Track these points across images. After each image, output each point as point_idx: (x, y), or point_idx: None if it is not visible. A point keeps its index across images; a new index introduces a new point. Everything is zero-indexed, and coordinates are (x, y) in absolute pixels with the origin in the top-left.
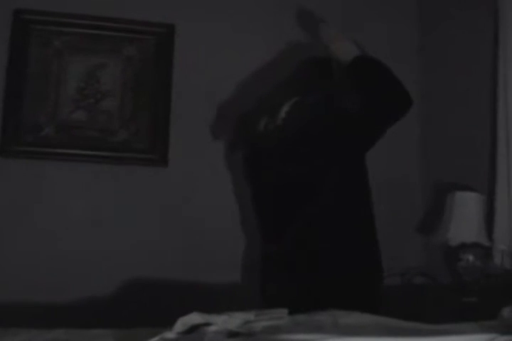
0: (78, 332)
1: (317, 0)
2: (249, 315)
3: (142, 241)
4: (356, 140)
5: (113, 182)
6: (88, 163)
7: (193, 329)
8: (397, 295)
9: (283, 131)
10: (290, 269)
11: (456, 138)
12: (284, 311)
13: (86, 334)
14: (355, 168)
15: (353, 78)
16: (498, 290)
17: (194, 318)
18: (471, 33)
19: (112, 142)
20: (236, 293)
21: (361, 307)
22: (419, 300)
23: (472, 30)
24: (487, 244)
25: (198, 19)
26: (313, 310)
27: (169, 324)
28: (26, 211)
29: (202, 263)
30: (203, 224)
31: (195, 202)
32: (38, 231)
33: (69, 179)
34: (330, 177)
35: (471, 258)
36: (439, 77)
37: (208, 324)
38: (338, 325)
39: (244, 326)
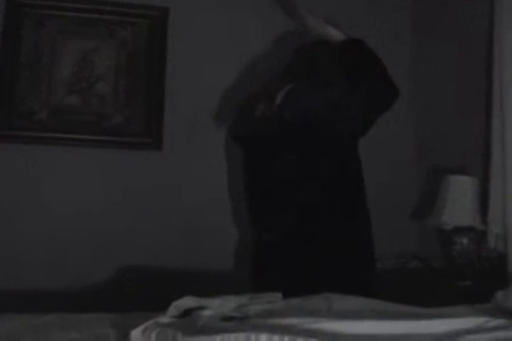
0: (73, 317)
1: None
2: (243, 299)
3: (136, 225)
4: (347, 128)
5: (107, 166)
6: (82, 147)
7: (187, 313)
8: (392, 279)
9: (278, 117)
10: (283, 257)
11: (451, 123)
12: (278, 295)
13: (81, 318)
14: (348, 155)
15: (342, 63)
16: (492, 274)
17: (188, 302)
18: (465, 21)
19: (106, 126)
20: (229, 281)
21: (355, 293)
22: (414, 283)
23: (467, 16)
24: (481, 228)
25: (192, 2)
26: (307, 294)
27: (163, 309)
28: (20, 195)
29: (197, 249)
30: (196, 209)
31: (189, 187)
32: (33, 215)
33: (62, 163)
34: (322, 165)
35: (465, 241)
36: (434, 63)
37: (201, 308)
38: (332, 309)
39: (238, 310)
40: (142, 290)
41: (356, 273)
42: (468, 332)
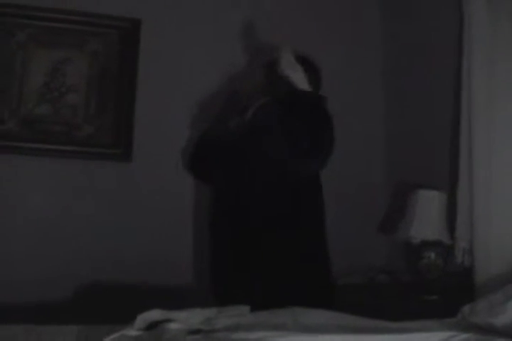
0: (37, 329)
1: None
2: (211, 312)
3: (102, 236)
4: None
5: (77, 177)
6: (51, 157)
7: (154, 325)
8: (360, 293)
9: (246, 132)
10: (243, 268)
11: (419, 138)
12: (246, 308)
13: (46, 330)
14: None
15: (287, 108)
16: (459, 289)
17: (154, 315)
18: (435, 36)
19: (76, 137)
20: (193, 295)
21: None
22: (381, 298)
23: (436, 33)
24: (448, 242)
25: (164, 14)
26: (273, 307)
27: (129, 321)
28: None
29: (164, 262)
30: (164, 221)
31: (158, 198)
32: None
33: (31, 173)
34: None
35: (432, 256)
36: (403, 78)
37: (168, 320)
38: (298, 323)
39: (205, 323)
40: (104, 304)
41: (311, 286)
42: None
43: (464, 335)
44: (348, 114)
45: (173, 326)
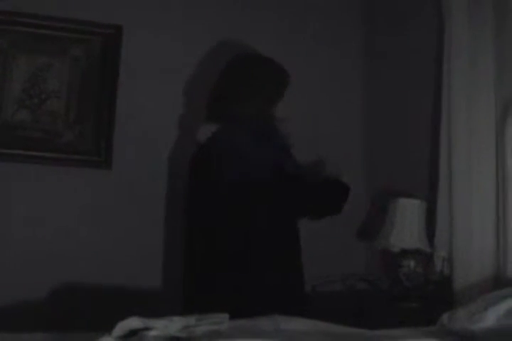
0: (12, 336)
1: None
2: (190, 320)
3: (81, 243)
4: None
5: (56, 184)
6: (31, 164)
7: (132, 333)
8: (339, 301)
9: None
10: (215, 275)
11: (399, 146)
12: (225, 316)
13: (20, 338)
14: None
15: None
16: (438, 297)
17: (133, 322)
18: (415, 43)
19: (56, 143)
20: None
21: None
22: (361, 305)
23: (416, 40)
24: (428, 251)
25: (146, 21)
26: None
27: (102, 328)
28: None
29: (142, 267)
30: (145, 227)
31: (137, 206)
32: None
33: (10, 180)
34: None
35: (412, 264)
36: (383, 86)
37: (147, 328)
38: (279, 331)
39: (184, 330)
40: (79, 309)
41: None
42: None
43: None
44: (327, 123)
45: (151, 334)
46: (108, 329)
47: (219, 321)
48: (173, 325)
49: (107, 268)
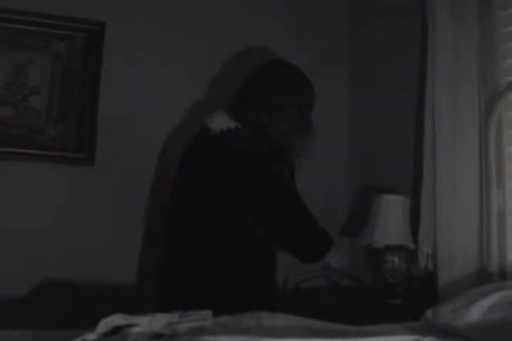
0: None
1: None
2: (173, 317)
3: (61, 241)
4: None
5: (38, 181)
6: (13, 160)
7: (116, 330)
8: (323, 297)
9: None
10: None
11: (383, 143)
12: (209, 313)
13: (3, 335)
14: None
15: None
16: (422, 293)
17: (117, 319)
18: (398, 38)
19: (39, 140)
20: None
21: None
22: (345, 301)
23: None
24: (412, 247)
25: (129, 17)
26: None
27: (87, 325)
28: None
29: (121, 264)
30: (126, 226)
31: (120, 204)
32: None
33: None
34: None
35: (396, 260)
36: (368, 82)
37: (131, 325)
38: (262, 327)
39: (168, 327)
40: (59, 306)
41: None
42: None
43: (428, 339)
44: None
45: (135, 330)
46: (90, 326)
47: (202, 318)
48: (157, 321)
49: (87, 265)
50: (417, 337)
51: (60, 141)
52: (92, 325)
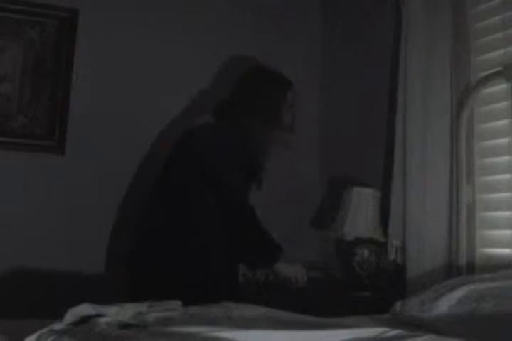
0: None
1: None
2: (142, 307)
3: (31, 228)
4: None
5: (9, 169)
6: None
7: (84, 320)
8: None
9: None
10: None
11: (355, 136)
12: (178, 303)
13: None
14: None
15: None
16: (391, 285)
17: (85, 309)
18: (371, 34)
19: (9, 127)
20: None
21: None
22: (314, 293)
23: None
24: (382, 240)
25: (102, 4)
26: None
27: (55, 315)
28: None
29: (90, 253)
30: (95, 214)
31: (90, 192)
32: None
33: None
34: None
35: (365, 253)
36: (339, 75)
37: (99, 315)
38: (231, 318)
39: (136, 317)
40: (28, 295)
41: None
42: None
43: (396, 331)
44: None
45: (103, 320)
46: (57, 316)
47: (171, 308)
48: (125, 311)
49: (56, 254)
50: (385, 329)
51: (31, 129)
52: (59, 315)
